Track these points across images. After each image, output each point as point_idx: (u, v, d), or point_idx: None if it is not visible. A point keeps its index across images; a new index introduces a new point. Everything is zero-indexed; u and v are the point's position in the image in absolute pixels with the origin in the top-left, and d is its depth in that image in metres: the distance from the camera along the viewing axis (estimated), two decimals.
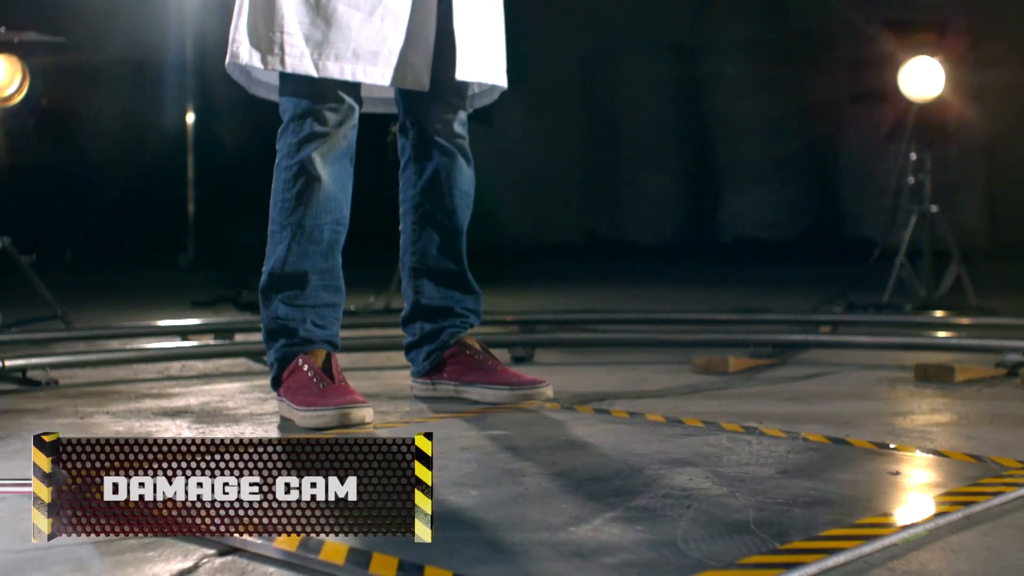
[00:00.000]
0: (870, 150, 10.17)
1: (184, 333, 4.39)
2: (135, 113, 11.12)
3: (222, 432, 2.47)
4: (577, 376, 3.40)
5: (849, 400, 2.88)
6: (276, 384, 2.68)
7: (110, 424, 2.59)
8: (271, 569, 1.51)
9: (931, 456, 2.11)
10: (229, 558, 1.55)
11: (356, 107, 2.65)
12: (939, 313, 5.30)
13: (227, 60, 2.57)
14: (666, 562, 1.47)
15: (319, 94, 2.60)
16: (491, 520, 1.69)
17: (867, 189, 11.01)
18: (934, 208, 5.73)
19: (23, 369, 3.23)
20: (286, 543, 1.54)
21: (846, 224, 12.15)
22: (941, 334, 4.10)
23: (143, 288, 8.79)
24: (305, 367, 2.59)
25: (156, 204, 11.67)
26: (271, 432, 2.48)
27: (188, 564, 1.53)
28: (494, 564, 1.47)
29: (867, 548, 1.53)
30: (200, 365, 3.74)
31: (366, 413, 2.47)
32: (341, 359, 3.85)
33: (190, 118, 12.00)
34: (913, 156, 5.80)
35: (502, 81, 2.85)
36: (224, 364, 3.74)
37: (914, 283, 5.71)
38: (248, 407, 2.83)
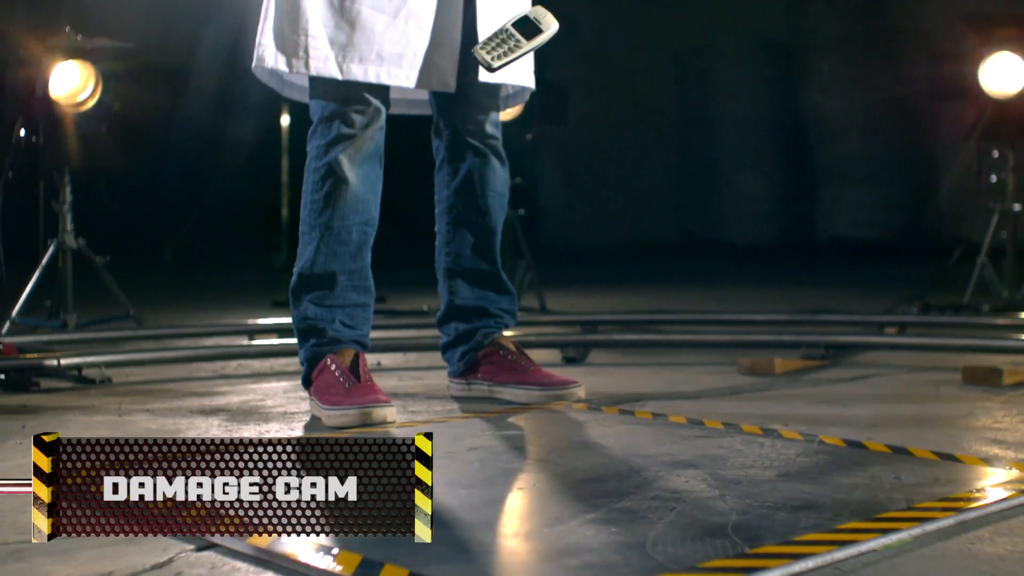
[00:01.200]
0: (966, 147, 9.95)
1: (251, 333, 4.46)
2: (232, 117, 11.33)
3: (248, 430, 2.51)
4: (621, 377, 3.38)
5: (885, 403, 2.82)
6: (307, 383, 2.71)
7: (144, 422, 2.65)
8: (240, 564, 1.53)
9: (945, 460, 2.05)
10: (204, 553, 1.58)
11: (383, 109, 2.68)
12: (1023, 315, 5.16)
13: (253, 63, 2.61)
14: (627, 564, 1.46)
15: (346, 96, 2.62)
16: (469, 520, 1.69)
17: (966, 187, 10.76)
18: (1017, 207, 5.59)
19: (79, 367, 3.32)
20: (258, 539, 1.56)
21: (945, 223, 11.90)
22: None
23: (234, 288, 8.97)
24: (333, 367, 2.62)
25: (252, 206, 11.89)
26: (296, 431, 2.52)
27: (164, 558, 1.56)
28: (453, 564, 1.47)
29: (840, 554, 1.50)
30: (256, 364, 3.80)
31: (388, 412, 2.49)
32: (397, 358, 3.91)
33: (284, 120, 12.19)
34: (996, 154, 5.67)
35: (529, 82, 2.85)
36: (279, 363, 3.80)
37: (996, 283, 5.58)
38: (285, 406, 2.87)
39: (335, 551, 1.52)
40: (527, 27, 2.48)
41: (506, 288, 2.95)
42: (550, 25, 2.52)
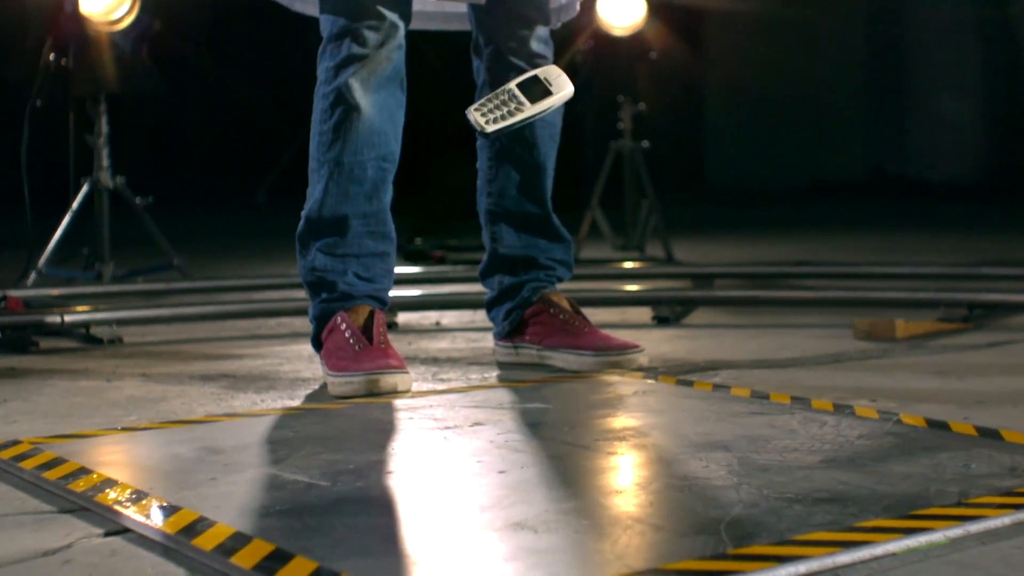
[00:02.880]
0: None
1: None
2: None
3: (240, 400, 2.55)
4: (711, 340, 3.34)
5: (1010, 375, 2.72)
6: (317, 345, 2.73)
7: (131, 388, 2.71)
8: (144, 552, 1.56)
9: None
10: (110, 539, 1.62)
11: (400, 25, 2.65)
12: None
13: None
14: (579, 563, 1.45)
15: (357, 10, 2.61)
16: (425, 509, 1.70)
17: None
18: None
19: (85, 325, 3.40)
20: (169, 527, 1.59)
21: None
22: None
23: None
24: (343, 326, 2.63)
25: None
26: (296, 401, 2.55)
27: (63, 543, 1.60)
28: (372, 557, 1.47)
29: (844, 557, 1.46)
30: (297, 323, 3.85)
31: (399, 380, 2.50)
32: (463, 316, 3.93)
33: None
34: None
35: None
36: None
37: None
38: (300, 371, 2.91)
39: (248, 539, 1.53)
40: (535, 89, 2.46)
41: (559, 234, 2.92)
42: (562, 88, 2.48)
